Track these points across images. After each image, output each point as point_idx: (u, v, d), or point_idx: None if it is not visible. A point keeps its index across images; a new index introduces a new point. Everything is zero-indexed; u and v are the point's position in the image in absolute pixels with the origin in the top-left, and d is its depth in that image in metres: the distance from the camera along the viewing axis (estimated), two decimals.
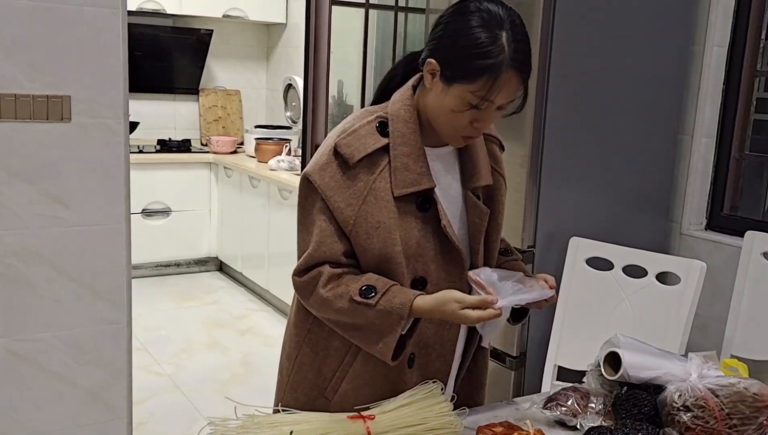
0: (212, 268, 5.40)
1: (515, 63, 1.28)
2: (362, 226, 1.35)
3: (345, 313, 1.35)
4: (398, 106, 1.39)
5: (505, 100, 1.31)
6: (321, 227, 1.36)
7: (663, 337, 2.15)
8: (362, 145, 1.35)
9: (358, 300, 1.33)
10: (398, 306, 1.32)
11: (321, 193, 1.36)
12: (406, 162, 1.36)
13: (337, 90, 4.38)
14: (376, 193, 1.35)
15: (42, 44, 1.91)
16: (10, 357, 2.00)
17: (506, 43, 1.27)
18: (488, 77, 1.27)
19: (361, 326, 1.36)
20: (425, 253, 1.40)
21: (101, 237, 2.06)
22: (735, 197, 2.80)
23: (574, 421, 1.45)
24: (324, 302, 1.36)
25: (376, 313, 1.33)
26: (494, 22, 1.28)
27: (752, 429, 1.35)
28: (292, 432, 1.19)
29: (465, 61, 1.29)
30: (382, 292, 1.33)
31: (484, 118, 1.33)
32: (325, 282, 1.35)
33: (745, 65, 2.70)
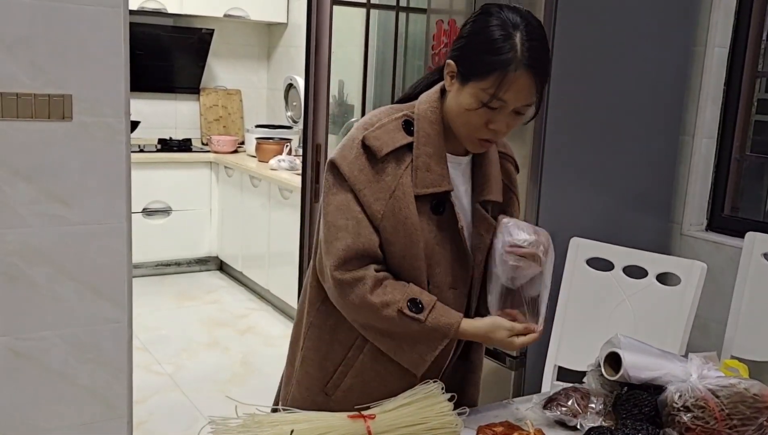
0: (213, 268, 5.40)
1: (528, 62, 1.29)
2: (390, 221, 1.36)
3: (389, 322, 1.35)
4: (425, 106, 1.41)
5: (517, 101, 1.32)
6: (357, 218, 1.36)
7: (663, 337, 2.15)
8: (390, 139, 1.37)
9: (408, 314, 1.35)
10: (445, 326, 1.36)
11: (351, 186, 1.36)
12: (428, 162, 1.38)
13: (338, 90, 4.38)
14: (403, 189, 1.37)
15: (44, 43, 1.91)
16: (11, 355, 2.00)
17: (519, 42, 1.29)
18: (498, 74, 1.29)
19: (397, 336, 1.37)
20: (433, 256, 1.41)
21: (102, 236, 2.06)
22: (736, 198, 2.80)
23: (574, 422, 1.45)
24: (370, 308, 1.35)
25: (422, 329, 1.35)
26: (509, 22, 1.31)
27: (752, 429, 1.35)
28: (293, 431, 1.19)
29: (477, 58, 1.32)
30: (429, 308, 1.36)
31: (498, 119, 1.34)
32: (371, 287, 1.35)
33: (746, 66, 2.70)
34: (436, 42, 2.86)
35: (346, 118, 4.25)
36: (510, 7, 1.35)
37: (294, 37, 5.39)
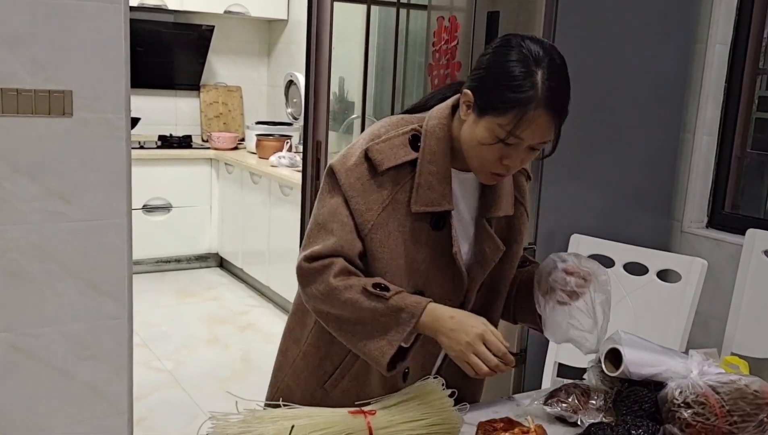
0: (213, 265, 5.40)
1: (547, 101, 1.26)
2: (377, 234, 1.35)
3: (351, 305, 1.32)
4: (435, 123, 1.39)
5: (533, 139, 1.29)
6: (343, 222, 1.35)
7: (664, 334, 2.15)
8: (393, 155, 1.36)
9: (371, 290, 1.31)
10: (412, 304, 1.31)
11: (344, 192, 1.36)
12: (430, 181, 1.36)
13: (339, 87, 4.38)
14: (396, 204, 1.36)
15: (44, 39, 1.91)
16: (11, 351, 2.00)
17: (540, 80, 1.26)
18: (517, 111, 1.26)
19: (365, 321, 1.32)
20: (429, 270, 1.40)
21: (103, 232, 2.06)
22: (736, 195, 2.80)
23: (574, 418, 1.45)
24: (331, 291, 1.33)
25: (387, 308, 1.31)
26: (532, 58, 1.27)
27: (753, 426, 1.35)
28: (293, 427, 1.19)
29: (496, 93, 1.28)
30: (395, 292, 1.33)
31: (512, 155, 1.31)
32: (336, 272, 1.33)
33: (747, 63, 2.70)
34: (436, 39, 2.86)
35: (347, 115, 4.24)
36: (532, 38, 1.31)
37: (294, 33, 5.39)
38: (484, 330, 1.28)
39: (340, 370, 1.46)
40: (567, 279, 1.40)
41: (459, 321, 1.29)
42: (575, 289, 1.39)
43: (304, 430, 1.22)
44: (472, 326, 1.28)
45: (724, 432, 1.34)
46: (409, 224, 1.37)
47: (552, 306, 1.41)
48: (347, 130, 4.15)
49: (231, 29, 5.60)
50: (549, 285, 1.42)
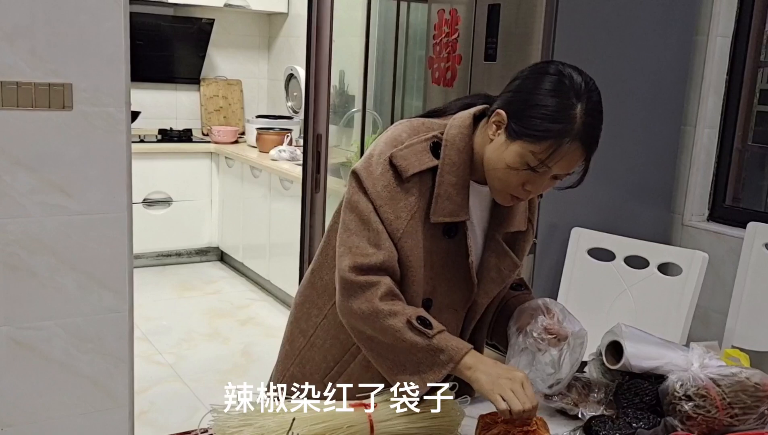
0: (213, 258, 5.40)
1: (583, 136, 1.27)
2: (407, 241, 1.34)
3: (393, 333, 1.30)
4: (455, 132, 1.37)
5: (561, 170, 1.30)
6: (377, 230, 1.33)
7: (664, 327, 2.15)
8: (418, 161, 1.34)
9: (415, 325, 1.30)
10: (453, 348, 1.30)
11: (372, 200, 1.34)
12: (450, 192, 1.35)
13: (339, 80, 4.37)
14: (421, 211, 1.35)
15: (44, 32, 1.91)
16: (12, 345, 2.00)
17: (579, 114, 1.26)
18: (552, 142, 1.25)
19: (400, 352, 1.31)
20: (439, 277, 1.40)
21: (103, 226, 2.06)
22: (737, 188, 2.80)
23: (575, 411, 1.45)
24: (376, 314, 1.31)
25: (427, 346, 1.29)
26: (573, 90, 1.27)
27: (753, 418, 1.35)
28: (294, 419, 1.19)
29: (534, 121, 1.27)
30: (438, 329, 1.31)
31: (537, 182, 1.31)
32: (383, 294, 1.31)
33: (748, 56, 2.70)
34: (437, 32, 2.85)
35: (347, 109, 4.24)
36: (574, 68, 1.31)
37: (294, 27, 5.38)
38: (525, 377, 1.28)
39: (338, 367, 1.47)
40: (543, 336, 1.41)
41: (501, 366, 1.30)
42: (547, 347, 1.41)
43: (305, 423, 1.22)
44: (516, 371, 1.28)
45: (725, 424, 1.34)
46: (426, 232, 1.36)
47: (520, 347, 1.44)
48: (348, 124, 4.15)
49: (231, 22, 5.59)
50: (525, 329, 1.43)
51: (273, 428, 1.20)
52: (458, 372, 1.30)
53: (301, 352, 1.54)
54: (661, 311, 2.22)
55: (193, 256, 5.33)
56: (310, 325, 1.52)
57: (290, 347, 1.58)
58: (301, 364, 1.53)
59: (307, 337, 1.53)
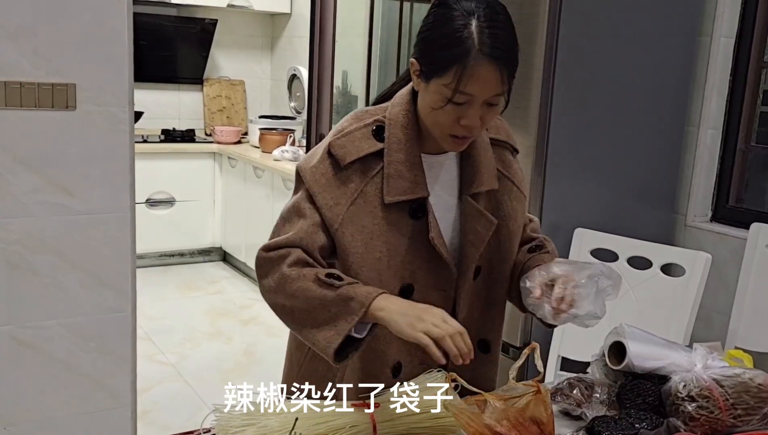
0: (216, 258, 5.40)
1: (486, 49, 1.22)
2: (348, 228, 1.34)
3: (302, 293, 1.30)
4: (397, 110, 1.37)
5: (483, 93, 1.25)
6: (305, 215, 1.35)
7: (667, 328, 2.15)
8: (355, 149, 1.34)
9: (323, 279, 1.29)
10: (363, 293, 1.28)
11: (309, 188, 1.35)
12: (400, 169, 1.34)
13: (342, 80, 4.37)
14: (366, 197, 1.34)
15: (47, 32, 1.91)
16: (14, 344, 2.00)
17: (474, 31, 1.22)
18: (457, 67, 1.22)
19: (314, 310, 1.30)
20: (414, 261, 1.38)
21: (106, 225, 2.06)
22: (740, 189, 2.79)
23: (578, 411, 1.45)
24: (284, 279, 1.32)
25: (337, 297, 1.28)
26: (462, 10, 1.24)
27: (757, 419, 1.35)
28: (297, 419, 1.19)
29: (436, 54, 1.26)
30: (348, 282, 1.30)
31: (468, 114, 1.27)
32: (291, 262, 1.32)
33: (752, 57, 2.69)
34: None
35: (350, 109, 4.23)
36: None
37: (297, 27, 5.38)
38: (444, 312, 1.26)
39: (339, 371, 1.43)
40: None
41: (417, 306, 1.28)
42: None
43: (307, 423, 1.22)
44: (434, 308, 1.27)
45: (728, 425, 1.34)
46: (385, 217, 1.34)
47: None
48: None
49: (234, 23, 5.59)
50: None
51: (276, 428, 1.20)
52: (372, 317, 1.28)
53: (302, 365, 1.51)
54: (664, 312, 2.21)
55: (195, 256, 5.33)
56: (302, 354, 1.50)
57: (290, 363, 1.56)
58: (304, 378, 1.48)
59: (303, 350, 1.50)
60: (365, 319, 1.28)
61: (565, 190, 2.45)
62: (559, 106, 2.36)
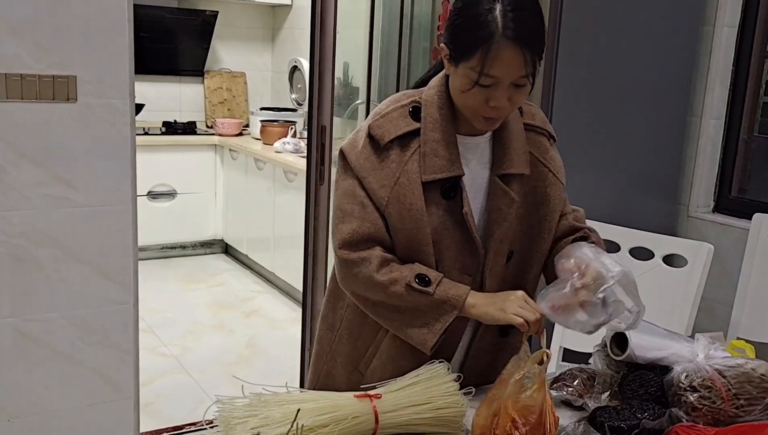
0: (218, 251, 5.41)
1: (509, 32, 1.25)
2: (395, 207, 1.36)
3: (395, 298, 1.36)
4: (433, 91, 1.40)
5: (508, 75, 1.28)
6: (362, 203, 1.38)
7: (669, 319, 2.15)
8: (393, 127, 1.38)
9: (416, 287, 1.35)
10: (453, 297, 1.36)
11: (356, 173, 1.39)
12: (435, 148, 1.37)
13: (343, 72, 4.35)
14: (408, 175, 1.37)
15: (48, 24, 1.90)
16: (18, 337, 2.01)
17: (499, 15, 1.25)
18: (482, 50, 1.26)
19: (407, 311, 1.38)
20: (441, 241, 1.40)
21: (108, 218, 2.06)
22: (743, 179, 2.79)
23: (580, 402, 1.45)
24: (376, 286, 1.37)
25: (431, 301, 1.36)
26: None
27: (759, 409, 1.35)
28: (299, 410, 1.19)
29: (462, 38, 1.30)
30: (436, 282, 1.36)
31: (496, 96, 1.30)
32: (378, 266, 1.37)
33: (755, 46, 2.68)
34: (442, 23, 2.84)
35: (352, 100, 4.23)
36: None
37: (298, 18, 5.37)
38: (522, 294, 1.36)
39: (371, 348, 1.48)
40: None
41: (499, 295, 1.38)
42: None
43: (309, 414, 1.22)
44: (514, 292, 1.37)
45: (730, 415, 1.34)
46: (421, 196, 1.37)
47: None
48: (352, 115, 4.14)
49: (235, 14, 5.57)
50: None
51: (278, 419, 1.20)
52: (466, 314, 1.37)
53: (332, 347, 1.55)
54: (667, 303, 2.21)
55: (197, 249, 5.33)
56: (337, 318, 1.54)
57: (320, 347, 1.59)
58: (333, 359, 1.55)
59: (335, 330, 1.54)
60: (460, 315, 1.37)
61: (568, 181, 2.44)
62: (561, 96, 2.36)
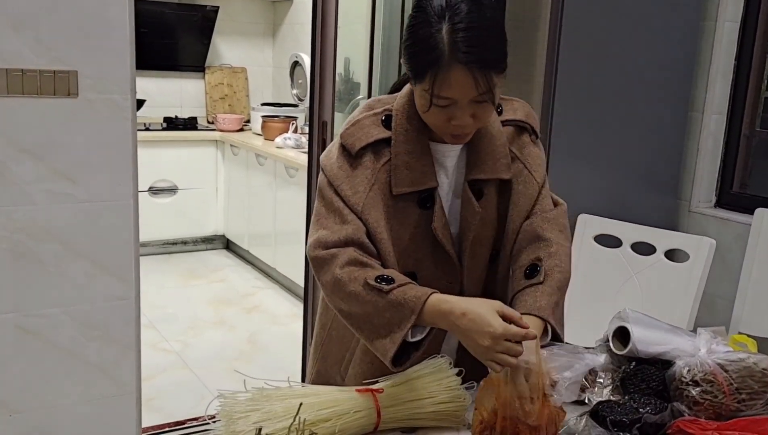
0: (219, 246, 5.41)
1: (458, 54, 1.19)
2: (371, 213, 1.33)
3: (355, 298, 1.28)
4: (403, 101, 1.36)
5: (463, 95, 1.23)
6: (340, 207, 1.35)
7: (671, 314, 2.15)
8: (365, 135, 1.35)
9: (372, 284, 1.26)
10: (412, 298, 1.24)
11: (331, 182, 1.36)
12: (407, 160, 1.33)
13: (344, 67, 4.35)
14: (380, 184, 1.34)
15: (49, 19, 1.90)
16: (19, 332, 2.01)
17: (446, 34, 1.20)
18: (431, 73, 1.21)
19: (371, 317, 1.28)
20: (418, 250, 1.37)
21: (109, 213, 2.06)
22: (745, 175, 2.78)
23: (582, 396, 1.45)
24: (337, 283, 1.30)
25: (387, 304, 1.25)
26: (434, 14, 1.22)
27: (761, 404, 1.35)
28: (301, 404, 1.19)
29: (413, 60, 1.26)
30: (399, 283, 1.27)
31: (456, 115, 1.26)
32: (344, 263, 1.29)
33: (757, 41, 2.67)
34: None
35: (353, 96, 4.22)
36: None
37: (299, 14, 5.36)
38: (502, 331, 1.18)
39: (348, 355, 1.46)
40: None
41: (472, 320, 1.20)
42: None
43: (312, 408, 1.22)
44: (488, 327, 1.19)
45: (732, 410, 1.34)
46: (394, 205, 1.34)
47: None
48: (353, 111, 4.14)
49: (235, 10, 5.57)
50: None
51: (280, 413, 1.20)
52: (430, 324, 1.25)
53: (323, 347, 1.54)
54: (668, 298, 2.21)
55: (198, 244, 5.33)
56: (328, 317, 1.52)
57: (314, 345, 1.58)
58: (323, 358, 1.53)
59: (326, 329, 1.53)
60: (420, 323, 1.26)
61: (569, 176, 2.45)
62: (563, 91, 2.35)
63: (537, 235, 1.41)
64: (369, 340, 1.30)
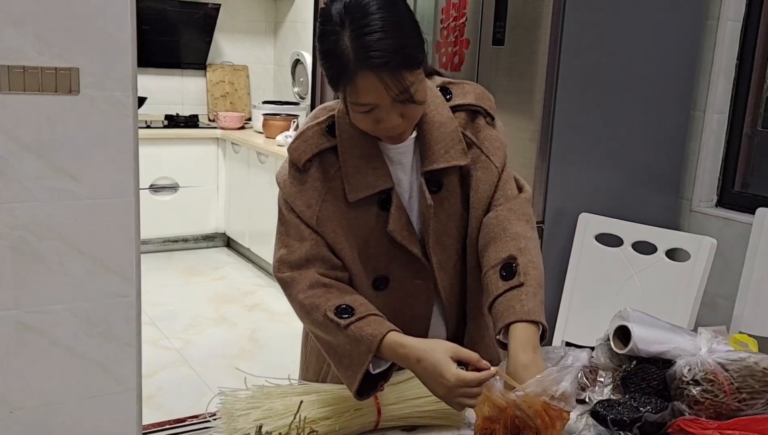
0: (220, 244, 5.41)
1: (360, 62, 1.15)
2: (326, 226, 1.31)
3: (318, 327, 1.26)
4: (343, 105, 1.28)
5: (378, 100, 1.18)
6: (296, 223, 1.33)
7: (672, 313, 2.15)
8: (308, 147, 1.32)
9: (330, 317, 1.23)
10: (368, 336, 1.20)
11: (286, 199, 1.34)
12: (357, 164, 1.29)
13: None
14: (334, 193, 1.31)
15: (50, 16, 1.90)
16: (20, 329, 2.01)
17: (348, 41, 1.16)
18: (342, 84, 1.19)
19: (334, 347, 1.26)
20: (386, 252, 1.34)
21: (110, 211, 2.06)
22: (746, 174, 2.78)
23: (582, 395, 1.45)
24: (301, 308, 1.28)
25: (345, 338, 1.22)
26: (334, 23, 1.18)
27: (761, 403, 1.34)
28: (302, 402, 1.20)
29: (324, 71, 1.24)
30: (358, 317, 1.22)
31: (382, 118, 1.22)
32: (305, 287, 1.28)
33: (759, 40, 2.67)
34: (444, 16, 2.83)
35: None
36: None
37: (301, 11, 5.35)
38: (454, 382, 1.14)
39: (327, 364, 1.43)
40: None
41: (425, 369, 1.17)
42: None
43: (312, 406, 1.22)
44: (440, 378, 1.15)
45: (732, 409, 1.33)
46: (353, 211, 1.31)
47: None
48: None
49: (237, 7, 5.56)
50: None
51: (281, 411, 1.20)
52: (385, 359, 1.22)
53: (306, 358, 1.53)
54: (669, 297, 2.21)
55: (199, 242, 5.34)
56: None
57: (302, 354, 1.57)
58: (308, 369, 1.52)
59: (309, 339, 1.51)
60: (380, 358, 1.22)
61: (570, 175, 2.45)
62: (564, 90, 2.35)
63: (503, 227, 1.34)
64: (336, 368, 1.28)
